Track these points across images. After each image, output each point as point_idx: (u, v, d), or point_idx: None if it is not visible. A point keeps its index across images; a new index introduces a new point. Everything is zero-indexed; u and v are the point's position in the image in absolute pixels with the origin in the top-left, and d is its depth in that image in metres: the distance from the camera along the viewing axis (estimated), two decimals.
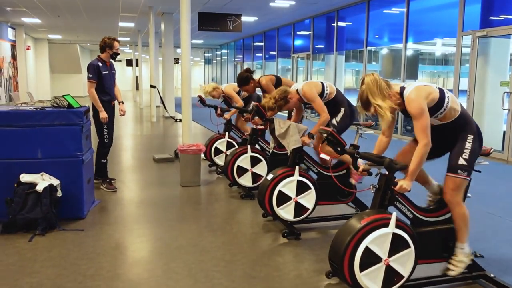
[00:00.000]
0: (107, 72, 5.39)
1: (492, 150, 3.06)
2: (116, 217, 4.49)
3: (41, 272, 3.16)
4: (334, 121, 4.26)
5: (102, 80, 5.29)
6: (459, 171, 2.82)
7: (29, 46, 21.83)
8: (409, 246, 2.70)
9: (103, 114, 5.22)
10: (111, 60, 5.49)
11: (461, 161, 2.82)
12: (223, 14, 12.51)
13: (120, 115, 5.73)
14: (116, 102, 5.64)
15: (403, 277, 2.72)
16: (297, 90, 4.22)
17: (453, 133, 2.90)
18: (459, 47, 8.81)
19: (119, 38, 23.35)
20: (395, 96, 2.82)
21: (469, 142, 2.84)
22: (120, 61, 35.68)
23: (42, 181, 3.97)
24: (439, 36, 13.47)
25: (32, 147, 4.15)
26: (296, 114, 4.60)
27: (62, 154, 4.22)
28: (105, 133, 5.36)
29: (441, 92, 2.82)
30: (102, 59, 5.37)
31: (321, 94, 4.23)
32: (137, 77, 25.05)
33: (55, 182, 4.05)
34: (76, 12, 14.10)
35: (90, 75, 5.20)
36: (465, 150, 2.83)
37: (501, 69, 8.43)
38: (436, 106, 2.79)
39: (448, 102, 2.81)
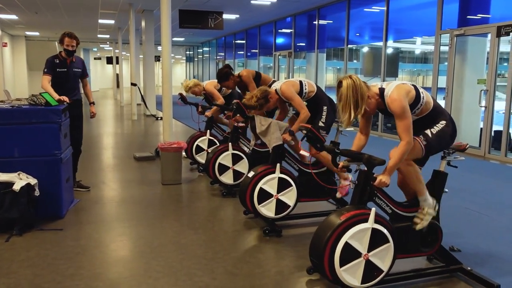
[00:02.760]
0: (65, 70, 5.09)
1: (468, 145, 3.12)
2: (96, 216, 4.43)
3: (19, 273, 3.11)
4: (320, 123, 4.24)
5: (57, 78, 5.03)
6: (420, 136, 2.91)
7: (5, 43, 21.37)
8: (388, 241, 2.74)
9: (64, 98, 4.64)
10: (75, 57, 5.18)
11: (427, 132, 2.92)
12: (205, 11, 12.45)
13: (90, 117, 5.48)
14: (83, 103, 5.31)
15: (382, 271, 2.75)
16: (275, 90, 4.23)
17: (427, 124, 2.97)
18: (438, 45, 8.95)
19: (99, 36, 22.77)
20: (373, 98, 2.85)
21: (441, 124, 2.94)
22: (100, 58, 35.34)
23: (19, 180, 3.89)
24: (418, 34, 13.67)
25: (8, 145, 4.07)
26: (280, 112, 4.61)
27: (40, 153, 4.15)
28: None
29: (416, 88, 2.89)
30: (62, 56, 5.11)
31: (300, 93, 4.23)
32: (117, 74, 24.75)
33: (33, 181, 3.97)
34: (54, 8, 13.85)
35: (45, 69, 4.99)
36: (434, 127, 2.93)
37: (478, 67, 8.59)
38: (415, 103, 2.86)
39: (423, 97, 2.89)
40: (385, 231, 2.72)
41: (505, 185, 5.88)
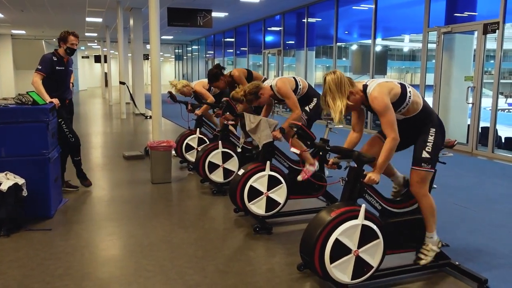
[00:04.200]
0: (63, 68, 5.00)
1: (456, 142, 3.15)
2: (85, 215, 4.40)
3: (7, 274, 3.07)
4: (306, 108, 4.28)
5: (55, 76, 4.91)
6: (423, 164, 2.90)
7: None
8: (378, 237, 2.76)
9: (55, 101, 4.62)
10: (69, 56, 5.08)
11: (425, 154, 2.91)
12: (193, 9, 12.39)
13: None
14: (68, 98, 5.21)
15: (372, 267, 2.77)
16: (271, 86, 4.21)
17: (416, 127, 2.98)
18: (425, 43, 9.02)
19: (87, 34, 22.48)
20: (358, 94, 2.87)
21: (431, 136, 2.93)
22: (88, 57, 34.99)
23: (7, 180, 3.84)
24: (406, 32, 13.77)
25: None
26: (265, 109, 4.60)
27: (28, 152, 4.11)
28: (66, 132, 4.92)
29: (403, 87, 2.89)
30: (59, 54, 4.98)
31: (295, 90, 4.24)
32: (106, 73, 24.56)
33: (20, 181, 3.93)
34: (41, 6, 13.68)
35: (40, 67, 4.80)
36: (428, 143, 2.92)
37: (465, 64, 8.68)
38: (399, 101, 2.87)
39: (410, 96, 2.89)
40: (375, 227, 2.74)
41: (492, 181, 5.96)
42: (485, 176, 6.31)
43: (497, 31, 7.34)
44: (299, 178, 4.15)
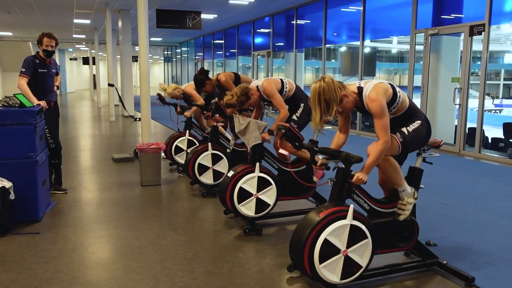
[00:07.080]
0: (46, 71, 4.97)
1: (442, 142, 3.19)
2: (74, 218, 4.37)
3: None
4: (294, 117, 4.30)
5: (39, 79, 4.87)
6: (397, 133, 2.97)
7: None
8: (366, 237, 2.78)
9: (42, 103, 4.60)
10: (51, 58, 5.04)
11: (403, 129, 2.99)
12: (182, 11, 12.38)
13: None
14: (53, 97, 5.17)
15: (361, 267, 2.79)
16: (257, 86, 4.24)
17: (403, 124, 3.02)
18: (413, 44, 9.11)
19: (75, 36, 22.27)
20: (351, 96, 2.88)
21: (416, 123, 3.01)
22: (76, 59, 34.74)
23: None
24: (394, 34, 13.87)
25: None
26: (255, 111, 4.62)
27: (15, 155, 4.07)
28: (48, 137, 4.82)
29: (393, 87, 2.93)
30: (40, 56, 4.95)
31: (281, 91, 4.26)
32: (94, 75, 24.39)
33: (7, 184, 3.89)
34: (28, 8, 13.56)
35: (23, 69, 4.77)
36: (410, 126, 3.00)
37: (452, 65, 8.79)
38: (391, 102, 2.91)
39: (399, 96, 2.93)
40: (363, 227, 2.76)
41: (479, 181, 6.03)
42: (472, 176, 6.38)
43: (483, 33, 7.45)
44: (314, 179, 4.19)
